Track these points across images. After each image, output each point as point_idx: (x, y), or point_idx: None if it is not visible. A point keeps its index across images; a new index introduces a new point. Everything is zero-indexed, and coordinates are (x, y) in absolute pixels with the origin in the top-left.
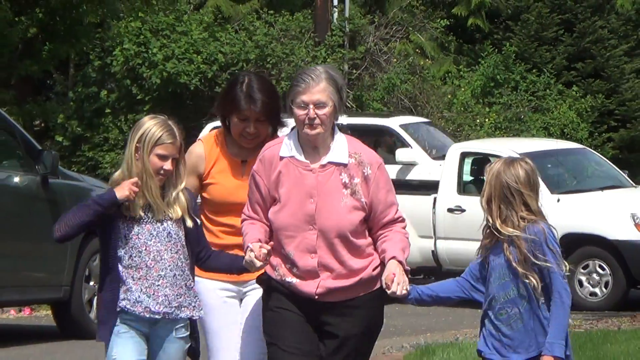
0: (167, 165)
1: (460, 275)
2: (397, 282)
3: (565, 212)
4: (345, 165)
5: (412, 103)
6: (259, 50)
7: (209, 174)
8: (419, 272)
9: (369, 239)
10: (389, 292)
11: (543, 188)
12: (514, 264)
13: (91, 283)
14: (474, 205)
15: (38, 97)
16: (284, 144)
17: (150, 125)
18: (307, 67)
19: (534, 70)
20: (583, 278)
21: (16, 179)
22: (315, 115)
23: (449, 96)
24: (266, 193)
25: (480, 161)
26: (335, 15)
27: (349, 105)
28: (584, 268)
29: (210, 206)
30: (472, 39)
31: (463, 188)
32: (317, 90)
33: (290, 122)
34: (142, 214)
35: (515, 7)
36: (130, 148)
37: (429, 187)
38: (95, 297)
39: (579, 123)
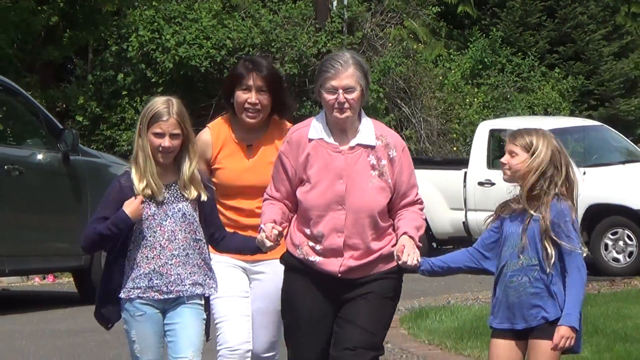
0: (165, 142)
1: (472, 246)
2: (408, 253)
3: (592, 185)
4: (373, 147)
5: (406, 84)
6: (264, 36)
7: (216, 159)
8: (450, 242)
9: (391, 221)
10: (399, 262)
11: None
12: (523, 237)
13: None
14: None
15: (60, 82)
16: (312, 127)
17: (148, 106)
18: (334, 53)
19: (519, 54)
20: (609, 245)
21: (40, 156)
22: (345, 100)
23: (441, 78)
24: (293, 174)
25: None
26: (335, 3)
27: None
28: (610, 236)
29: (220, 190)
30: (462, 24)
31: (492, 163)
32: (346, 75)
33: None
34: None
35: None
36: (136, 131)
37: (459, 163)
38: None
39: (561, 102)
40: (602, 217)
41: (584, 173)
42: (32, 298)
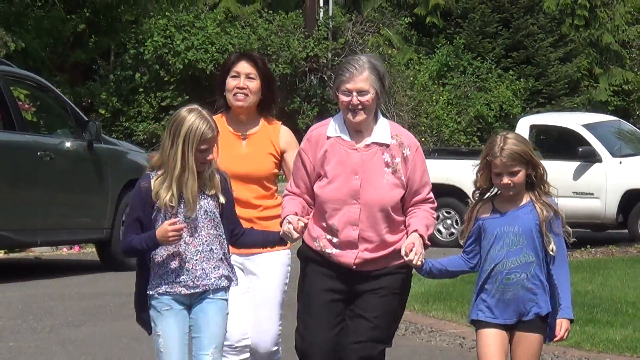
0: (211, 155)
1: (464, 252)
2: (415, 252)
3: (628, 172)
4: (387, 145)
5: None
6: (260, 42)
7: None
8: None
9: (404, 216)
10: (406, 259)
11: (606, 152)
12: (538, 231)
13: None
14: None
15: (86, 81)
16: (330, 125)
17: (192, 124)
18: (351, 57)
19: (478, 58)
20: None
21: (68, 144)
22: (359, 102)
23: (411, 78)
24: (311, 170)
25: (545, 131)
26: (321, 14)
27: (330, 85)
28: None
29: None
30: (430, 33)
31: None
32: (360, 79)
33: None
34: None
35: (464, 8)
36: (171, 143)
37: None
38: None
39: (514, 100)
40: (637, 200)
41: (620, 162)
42: (61, 265)
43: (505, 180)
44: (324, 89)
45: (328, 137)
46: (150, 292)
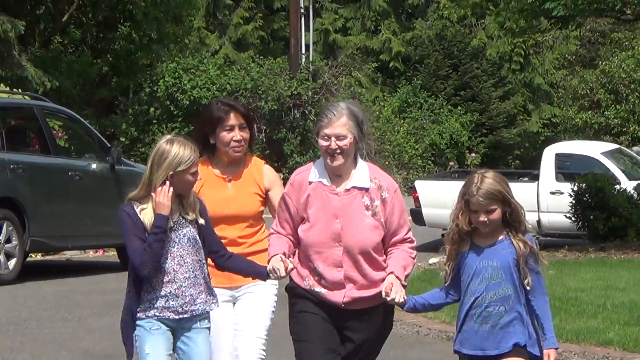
0: (197, 177)
1: (445, 285)
2: (396, 291)
3: None
4: (367, 189)
5: None
6: (253, 82)
7: (198, 192)
8: None
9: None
10: (388, 299)
11: (623, 177)
12: (515, 265)
13: None
14: (567, 189)
15: (109, 114)
16: (312, 171)
17: (179, 156)
18: (331, 103)
19: (432, 96)
20: None
21: (94, 166)
22: (337, 146)
23: (377, 112)
24: (295, 213)
25: (568, 159)
26: (303, 59)
27: (310, 118)
28: None
29: None
30: (392, 75)
31: (557, 177)
32: (338, 124)
33: None
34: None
35: (421, 55)
36: (156, 173)
37: (531, 177)
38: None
39: (462, 131)
40: None
41: (638, 184)
42: (88, 266)
43: (482, 218)
44: (305, 121)
45: (310, 182)
46: (139, 315)
